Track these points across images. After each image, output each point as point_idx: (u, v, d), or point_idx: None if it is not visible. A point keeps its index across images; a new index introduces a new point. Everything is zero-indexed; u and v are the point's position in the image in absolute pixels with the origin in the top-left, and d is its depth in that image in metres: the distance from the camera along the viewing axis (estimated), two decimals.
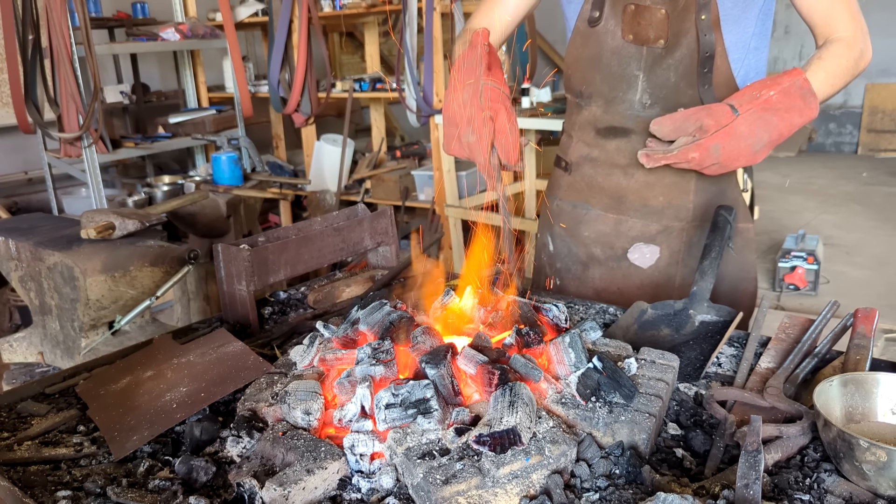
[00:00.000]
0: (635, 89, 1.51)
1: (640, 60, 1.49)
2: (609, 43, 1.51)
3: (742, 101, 1.32)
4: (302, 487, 0.93)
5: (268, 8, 4.81)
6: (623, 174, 1.58)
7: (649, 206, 1.58)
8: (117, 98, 4.98)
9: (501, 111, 1.26)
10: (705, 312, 1.33)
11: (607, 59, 1.52)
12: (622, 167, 1.57)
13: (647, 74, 1.49)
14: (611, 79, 1.53)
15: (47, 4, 3.73)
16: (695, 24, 1.43)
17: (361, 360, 1.12)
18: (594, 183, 1.62)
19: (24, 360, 2.51)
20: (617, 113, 1.55)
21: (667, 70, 1.47)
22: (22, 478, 1.03)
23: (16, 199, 4.80)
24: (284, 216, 5.36)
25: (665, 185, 1.56)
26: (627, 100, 1.52)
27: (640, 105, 1.51)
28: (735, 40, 1.46)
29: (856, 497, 0.91)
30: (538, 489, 0.93)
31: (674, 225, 1.58)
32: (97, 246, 2.25)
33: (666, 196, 1.56)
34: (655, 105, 1.50)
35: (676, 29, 1.44)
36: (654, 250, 1.59)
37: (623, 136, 1.55)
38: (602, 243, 1.64)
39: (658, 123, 1.36)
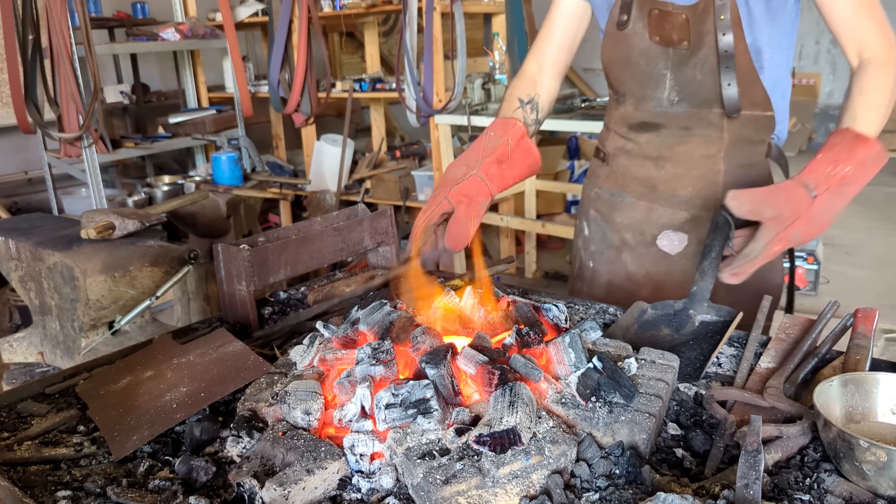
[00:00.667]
0: (663, 87, 1.58)
1: (666, 60, 1.55)
2: (637, 44, 1.57)
3: (818, 181, 1.29)
4: (302, 487, 0.93)
5: (268, 8, 4.81)
6: (654, 165, 1.64)
7: (678, 195, 1.63)
8: (117, 98, 4.98)
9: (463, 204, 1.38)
10: (705, 312, 1.33)
11: (636, 59, 1.59)
12: (653, 159, 1.64)
13: (673, 73, 1.55)
14: (640, 78, 1.60)
15: (47, 4, 3.73)
16: (714, 24, 1.47)
17: (361, 360, 1.12)
18: (628, 173, 1.70)
19: (24, 360, 2.51)
20: (647, 110, 1.62)
21: (692, 69, 1.52)
22: (22, 478, 1.03)
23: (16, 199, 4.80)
24: (284, 216, 5.36)
25: (693, 176, 1.61)
26: (656, 97, 1.59)
27: (668, 102, 1.58)
28: (766, 41, 1.49)
29: (856, 497, 0.91)
30: (538, 489, 0.93)
31: (702, 214, 1.61)
32: (97, 246, 2.25)
33: (695, 187, 1.61)
34: (682, 101, 1.57)
35: (697, 30, 1.49)
36: (683, 238, 1.63)
37: (654, 131, 1.63)
38: (633, 229, 1.70)
39: (736, 200, 1.32)
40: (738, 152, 1.58)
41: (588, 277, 1.80)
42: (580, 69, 7.60)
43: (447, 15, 4.18)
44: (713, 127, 1.56)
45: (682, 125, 1.59)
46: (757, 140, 1.58)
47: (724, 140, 1.56)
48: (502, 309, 1.32)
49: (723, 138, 1.56)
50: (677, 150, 1.61)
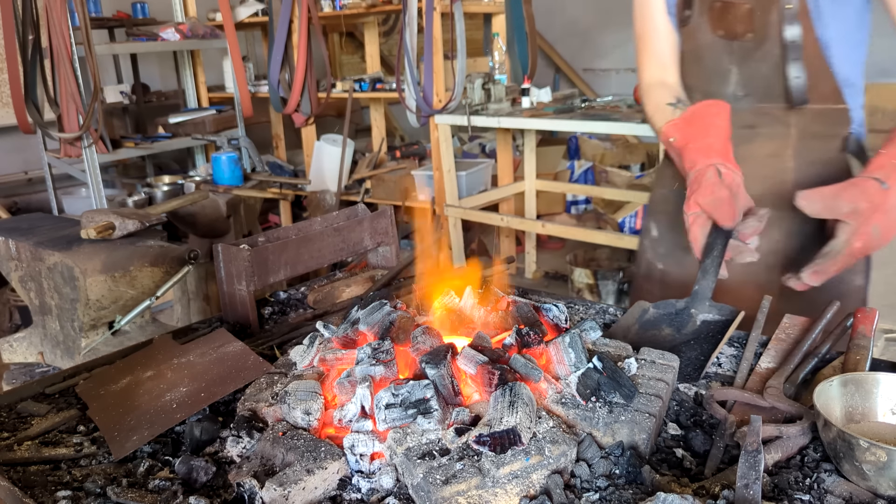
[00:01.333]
0: (728, 82, 1.54)
1: (731, 54, 1.51)
2: (702, 38, 1.54)
3: (887, 173, 1.27)
4: (302, 487, 0.93)
5: (268, 8, 4.81)
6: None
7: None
8: (117, 98, 4.98)
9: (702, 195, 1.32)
10: (707, 311, 1.32)
11: (701, 53, 1.56)
12: None
13: (739, 67, 1.52)
14: (706, 73, 1.57)
15: (47, 4, 3.73)
16: (779, 14, 1.43)
17: (361, 360, 1.12)
18: None
19: (24, 360, 2.51)
20: None
21: (758, 62, 1.49)
22: (22, 478, 1.03)
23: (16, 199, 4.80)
24: (284, 216, 5.36)
25: (760, 175, 1.55)
26: (721, 93, 1.55)
27: (732, 97, 1.53)
28: (835, 34, 1.45)
29: (856, 497, 0.91)
30: (538, 489, 0.93)
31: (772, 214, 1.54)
32: (97, 246, 2.25)
33: (763, 185, 1.55)
34: (748, 97, 1.53)
35: (762, 21, 1.45)
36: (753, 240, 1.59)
37: None
38: None
39: (807, 199, 1.30)
40: (808, 148, 1.53)
41: (658, 279, 1.76)
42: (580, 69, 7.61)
43: (447, 15, 4.18)
44: (778, 123, 1.52)
45: (747, 123, 1.54)
46: (829, 135, 1.52)
47: (790, 136, 1.52)
48: (502, 309, 1.32)
49: (789, 134, 1.52)
50: (742, 149, 1.52)
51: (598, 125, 3.78)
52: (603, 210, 5.39)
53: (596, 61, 7.38)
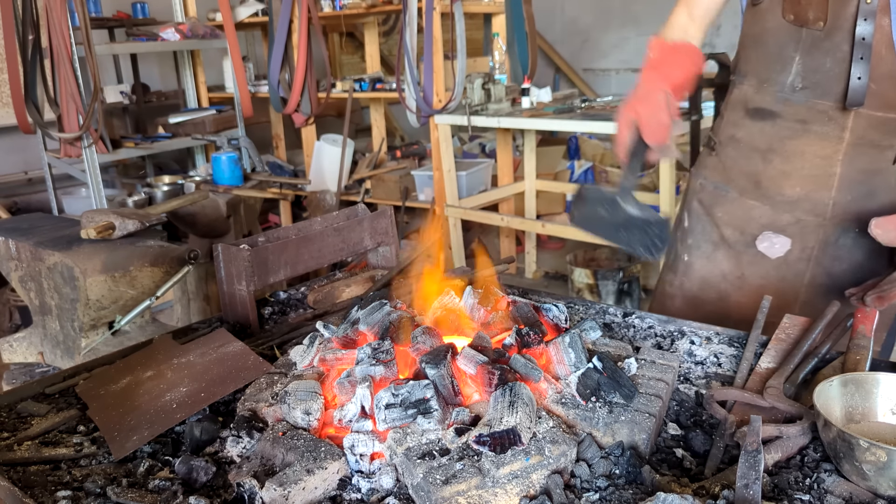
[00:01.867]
0: (788, 71, 1.46)
1: (797, 42, 1.43)
2: (770, 22, 1.47)
3: None
4: (302, 487, 0.93)
5: (268, 8, 4.81)
6: (762, 159, 1.54)
7: (784, 194, 1.52)
8: (117, 98, 4.98)
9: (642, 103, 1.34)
10: (633, 207, 1.34)
11: (766, 37, 1.49)
12: (762, 151, 1.54)
13: (803, 57, 1.44)
14: (767, 58, 1.50)
15: (47, 4, 3.73)
16: (857, 7, 1.36)
17: (361, 360, 1.12)
18: (735, 165, 1.60)
19: (24, 360, 2.51)
20: (767, 94, 1.51)
21: (823, 54, 1.41)
22: (22, 478, 1.03)
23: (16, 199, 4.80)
24: (284, 216, 5.36)
25: (803, 176, 1.49)
26: (779, 81, 1.48)
27: (790, 88, 1.47)
28: None
29: (856, 497, 0.91)
30: (538, 489, 0.93)
31: (808, 219, 1.51)
32: (97, 246, 2.25)
33: (803, 187, 1.50)
34: (806, 89, 1.45)
35: (837, 11, 1.37)
36: (785, 242, 1.54)
37: (769, 119, 1.51)
38: (733, 226, 1.61)
39: (881, 227, 1.28)
40: (859, 156, 1.45)
41: (681, 270, 1.72)
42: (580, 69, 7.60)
43: (447, 15, 4.18)
44: (833, 124, 1.44)
45: (800, 117, 1.47)
46: (884, 145, 1.45)
47: (843, 140, 1.44)
48: (502, 309, 1.32)
49: (843, 138, 1.44)
50: (789, 145, 1.49)
51: (598, 125, 3.78)
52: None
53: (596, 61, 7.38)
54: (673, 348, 1.37)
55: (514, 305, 1.32)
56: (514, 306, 1.31)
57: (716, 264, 1.65)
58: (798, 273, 1.55)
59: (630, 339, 1.42)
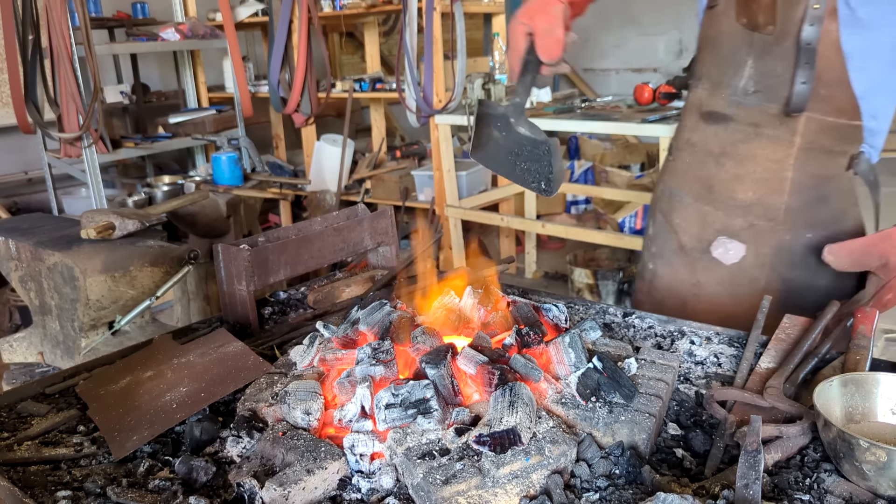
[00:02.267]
0: (741, 75, 1.47)
1: (749, 46, 1.44)
2: (724, 25, 1.48)
3: None
4: (302, 487, 0.93)
5: (268, 8, 4.81)
6: (714, 163, 1.54)
7: (736, 199, 1.52)
8: (117, 98, 4.98)
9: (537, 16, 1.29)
10: (524, 126, 1.33)
11: (720, 41, 1.50)
12: (715, 156, 1.54)
13: (755, 61, 1.44)
14: (721, 62, 1.51)
15: (47, 4, 3.73)
16: (804, 12, 1.35)
17: (361, 360, 1.12)
18: (690, 170, 1.60)
19: (24, 360, 2.51)
20: (720, 97, 1.52)
21: (775, 59, 1.41)
22: (22, 478, 1.03)
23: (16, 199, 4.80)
24: (284, 216, 5.36)
25: (755, 179, 1.49)
26: (732, 85, 1.49)
27: (742, 92, 1.47)
28: (860, 46, 1.36)
29: (856, 497, 0.91)
30: (538, 489, 0.93)
31: (761, 224, 1.50)
32: (97, 246, 2.25)
33: (755, 191, 1.50)
34: (758, 93, 1.46)
35: (785, 15, 1.38)
36: (739, 248, 1.53)
37: (721, 123, 1.52)
38: (689, 233, 1.61)
39: (834, 254, 1.29)
40: (811, 161, 1.45)
41: (648, 279, 1.72)
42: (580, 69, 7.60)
43: (447, 15, 4.18)
44: (784, 128, 1.44)
45: (752, 121, 1.47)
46: (837, 151, 1.44)
47: (795, 144, 1.44)
48: (502, 309, 1.32)
49: (794, 142, 1.44)
50: (741, 149, 1.49)
51: (598, 125, 3.78)
52: (603, 210, 5.39)
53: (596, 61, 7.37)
54: (673, 348, 1.37)
55: (514, 305, 1.32)
56: (514, 306, 1.31)
57: (676, 272, 1.65)
58: (753, 279, 1.53)
59: (630, 339, 1.42)
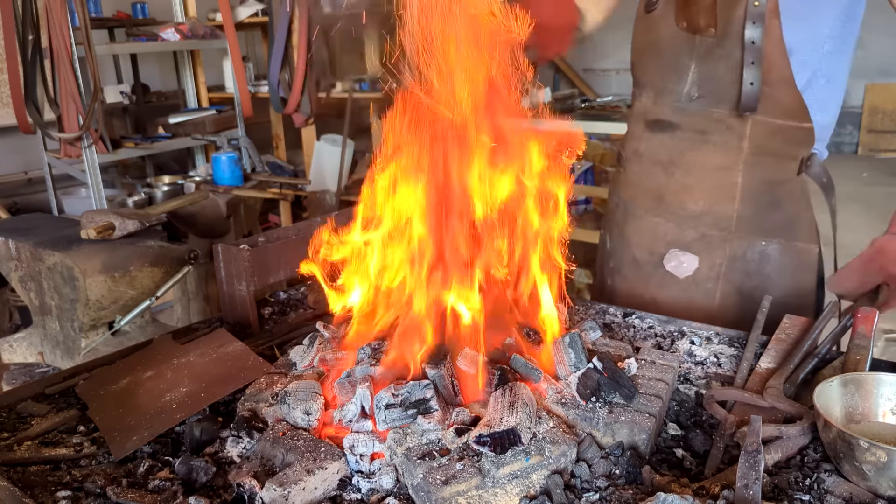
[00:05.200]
0: (685, 81, 1.44)
1: (692, 50, 1.42)
2: (664, 30, 1.45)
3: None
4: (302, 488, 0.93)
5: (268, 8, 4.80)
6: (663, 172, 1.51)
7: (687, 209, 1.49)
8: (117, 98, 4.98)
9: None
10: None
11: (661, 46, 1.47)
12: (663, 164, 1.51)
13: (698, 65, 1.41)
14: (663, 68, 1.48)
15: (47, 4, 3.73)
16: (745, 10, 1.33)
17: (361, 361, 1.12)
18: (639, 181, 1.57)
19: (24, 361, 2.51)
20: (665, 105, 1.49)
21: (717, 61, 1.39)
22: (22, 478, 1.03)
23: (16, 200, 4.80)
24: (284, 216, 5.36)
25: (705, 188, 1.46)
26: (676, 91, 1.46)
27: (686, 97, 1.44)
28: (802, 39, 1.34)
29: (856, 497, 0.91)
30: (538, 489, 0.93)
31: (713, 234, 1.47)
32: (97, 246, 2.25)
33: (706, 201, 1.47)
34: (702, 98, 1.43)
35: (726, 16, 1.35)
36: (693, 260, 1.50)
37: (668, 131, 1.49)
38: (642, 246, 1.57)
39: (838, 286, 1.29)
40: (760, 166, 1.42)
41: (607, 295, 1.68)
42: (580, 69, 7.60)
43: None
44: (731, 133, 1.41)
45: (698, 128, 1.44)
46: (786, 155, 1.42)
47: (743, 150, 1.42)
48: None
49: (742, 147, 1.41)
50: (689, 157, 1.46)
51: (598, 125, 3.79)
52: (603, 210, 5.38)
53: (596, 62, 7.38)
54: (673, 348, 1.37)
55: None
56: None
57: (633, 287, 1.61)
58: (708, 293, 1.51)
59: (630, 340, 1.42)
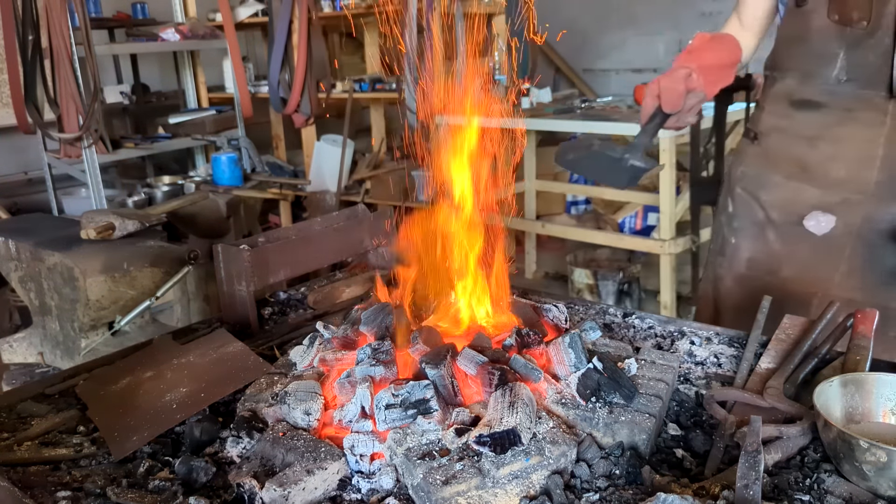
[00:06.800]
0: (833, 66, 1.56)
1: (841, 40, 1.54)
2: (814, 22, 1.56)
3: None
4: (302, 488, 0.93)
5: (268, 8, 4.80)
6: (808, 145, 1.64)
7: (830, 177, 1.61)
8: (117, 98, 4.98)
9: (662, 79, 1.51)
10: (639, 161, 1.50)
11: (810, 36, 1.58)
12: (808, 138, 1.63)
13: (847, 53, 1.54)
14: (811, 55, 1.60)
15: (47, 5, 3.72)
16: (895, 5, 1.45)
17: (361, 361, 1.12)
18: (780, 152, 1.70)
19: (24, 361, 2.51)
20: (812, 86, 1.61)
21: (866, 50, 1.51)
22: (22, 478, 1.03)
23: (16, 200, 4.80)
24: (284, 217, 5.36)
25: (849, 158, 1.59)
26: (824, 75, 1.58)
27: (835, 80, 1.57)
28: None
29: (856, 497, 0.91)
30: (538, 490, 0.93)
31: (853, 197, 1.60)
32: (97, 246, 2.24)
33: (848, 170, 1.59)
34: (851, 82, 1.55)
35: (880, 10, 1.48)
36: (831, 220, 1.62)
37: (814, 109, 1.62)
38: (780, 208, 1.70)
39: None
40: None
41: (730, 253, 1.81)
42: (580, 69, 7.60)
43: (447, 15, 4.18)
44: (877, 110, 1.54)
45: (845, 106, 1.58)
46: None
47: (885, 125, 1.54)
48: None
49: (885, 122, 1.54)
50: (835, 132, 1.59)
51: (598, 125, 3.79)
52: (603, 210, 5.39)
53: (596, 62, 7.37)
54: (673, 349, 1.37)
55: (514, 305, 1.32)
56: (515, 306, 1.31)
57: (762, 244, 1.75)
58: (840, 247, 1.63)
59: (630, 340, 1.42)
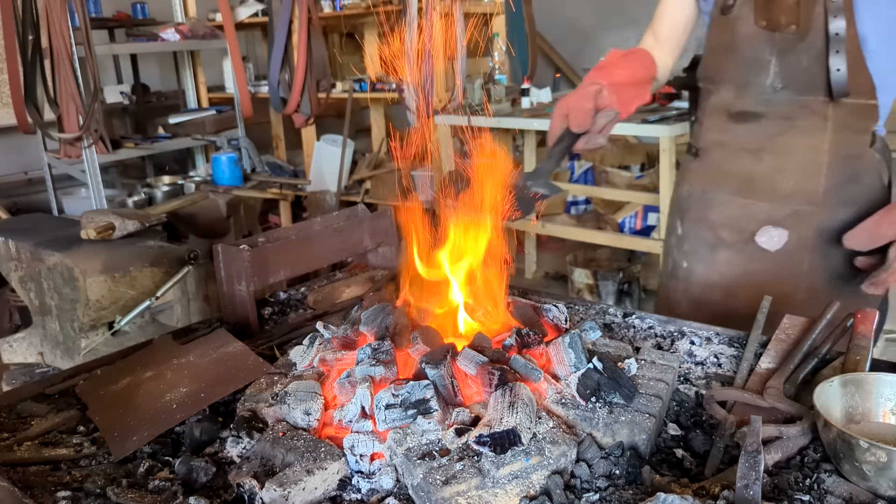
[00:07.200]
0: (766, 74, 1.53)
1: (772, 46, 1.51)
2: (742, 29, 1.54)
3: None
4: (302, 488, 0.93)
5: (268, 8, 4.80)
6: (752, 158, 1.60)
7: (778, 190, 1.59)
8: (117, 98, 4.98)
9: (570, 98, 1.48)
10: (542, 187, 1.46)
11: (739, 44, 1.55)
12: (751, 151, 1.60)
13: (779, 59, 1.51)
14: (742, 64, 1.56)
15: (47, 5, 3.73)
16: (824, 6, 1.44)
17: (361, 361, 1.12)
18: (723, 168, 1.66)
19: (23, 361, 2.51)
20: (748, 96, 1.58)
21: (798, 54, 1.49)
22: (22, 478, 1.03)
23: (16, 200, 4.80)
24: (284, 217, 5.36)
25: (795, 169, 1.57)
26: (758, 84, 1.55)
27: (770, 89, 1.54)
28: (872, 28, 1.45)
29: (856, 497, 0.91)
30: (538, 490, 0.93)
31: (803, 209, 1.58)
32: (97, 246, 2.24)
33: (796, 180, 1.57)
34: (786, 88, 1.53)
35: (807, 13, 1.46)
36: (783, 234, 1.60)
37: (753, 121, 1.58)
38: (730, 227, 1.67)
39: (853, 238, 1.39)
40: (842, 143, 1.53)
41: (683, 277, 1.77)
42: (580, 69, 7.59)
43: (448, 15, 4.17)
44: (816, 116, 1.52)
45: (784, 115, 1.55)
46: (861, 129, 1.54)
47: (827, 129, 1.52)
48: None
49: (826, 128, 1.52)
50: (778, 142, 1.56)
51: None
52: (603, 210, 5.39)
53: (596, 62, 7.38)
54: (673, 349, 1.37)
55: (514, 305, 1.32)
56: (514, 306, 1.31)
57: (716, 266, 1.70)
58: (796, 261, 1.60)
59: (630, 340, 1.42)
